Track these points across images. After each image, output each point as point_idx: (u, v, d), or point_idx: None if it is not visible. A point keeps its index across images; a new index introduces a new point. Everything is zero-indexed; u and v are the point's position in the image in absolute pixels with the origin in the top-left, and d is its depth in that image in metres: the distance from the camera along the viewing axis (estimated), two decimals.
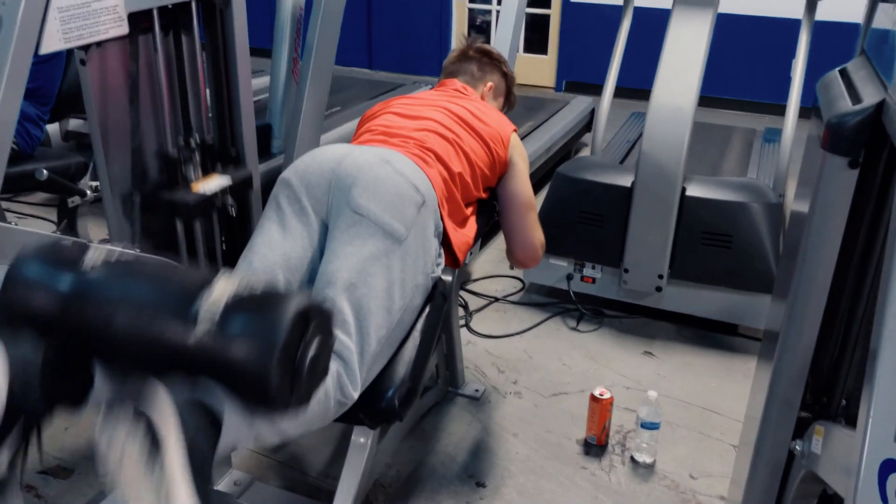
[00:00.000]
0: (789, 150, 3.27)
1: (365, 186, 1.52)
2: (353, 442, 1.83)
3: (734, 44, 5.84)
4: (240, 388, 1.00)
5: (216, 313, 0.95)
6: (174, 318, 0.98)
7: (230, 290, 0.98)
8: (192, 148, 1.88)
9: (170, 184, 1.85)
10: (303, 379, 1.01)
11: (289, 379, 0.99)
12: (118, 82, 1.68)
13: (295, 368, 0.99)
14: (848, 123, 1.15)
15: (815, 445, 1.19)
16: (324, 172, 1.57)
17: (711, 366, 2.64)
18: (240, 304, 0.97)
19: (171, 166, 1.84)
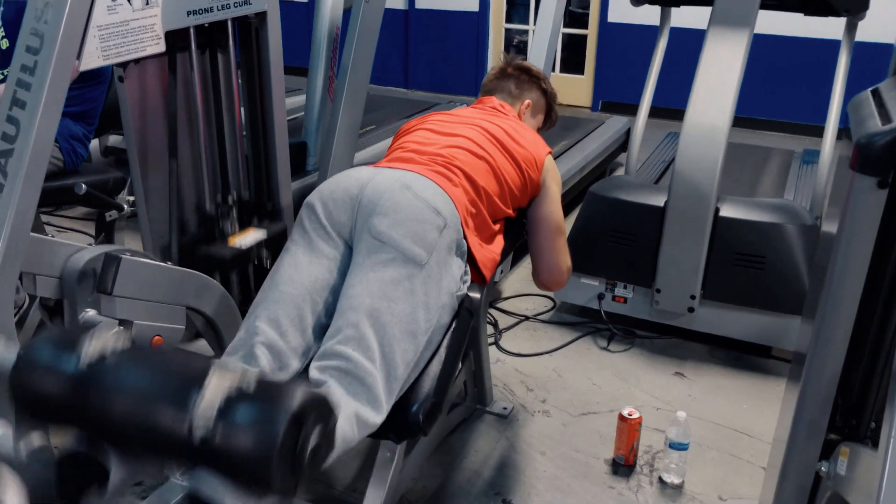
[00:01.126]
0: (827, 172, 3.22)
1: (385, 213, 1.53)
2: (380, 456, 1.83)
3: (774, 65, 5.78)
4: (241, 485, 0.99)
5: (210, 419, 0.95)
6: (170, 420, 0.96)
7: (223, 389, 0.97)
8: (230, 204, 1.95)
9: (207, 236, 1.91)
10: (304, 470, 1.00)
11: (289, 473, 0.98)
12: (155, 99, 1.73)
13: (295, 462, 0.98)
14: (877, 143, 1.14)
15: (840, 467, 1.17)
16: (347, 199, 1.60)
17: (743, 388, 2.60)
18: (233, 406, 0.95)
19: (210, 221, 1.90)
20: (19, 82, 1.34)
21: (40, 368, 1.02)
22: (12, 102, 1.34)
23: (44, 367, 1.02)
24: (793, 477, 1.33)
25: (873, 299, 1.21)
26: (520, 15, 7.12)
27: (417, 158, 1.75)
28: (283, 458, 0.95)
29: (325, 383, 1.38)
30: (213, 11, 1.73)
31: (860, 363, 1.26)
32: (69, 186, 2.24)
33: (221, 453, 0.94)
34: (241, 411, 0.95)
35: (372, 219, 1.54)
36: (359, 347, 1.41)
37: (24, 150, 1.33)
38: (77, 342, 1.04)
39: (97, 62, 1.43)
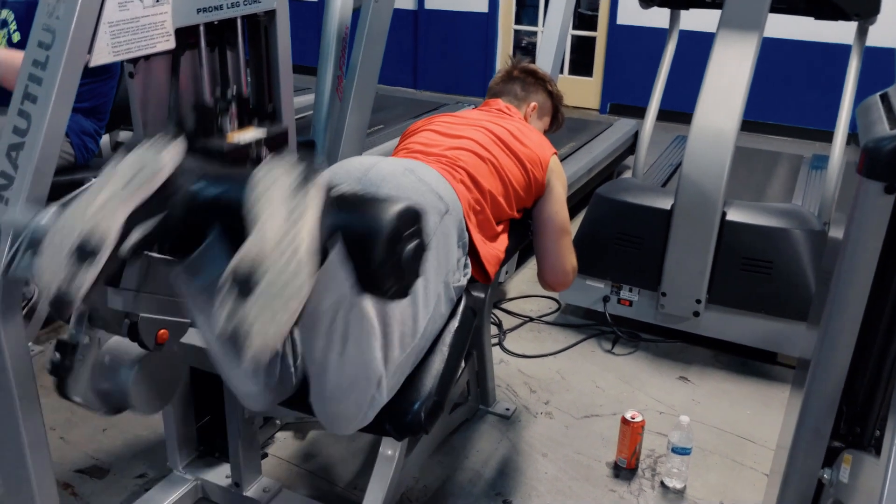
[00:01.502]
0: (836, 177, 3.21)
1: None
2: (381, 454, 1.84)
3: (784, 69, 5.77)
4: (354, 240, 1.11)
5: (346, 191, 1.13)
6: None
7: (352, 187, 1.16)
8: (228, 99, 1.91)
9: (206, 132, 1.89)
10: (402, 264, 1.12)
11: (390, 255, 1.10)
12: (164, 95, 1.74)
13: (397, 250, 1.11)
14: (885, 148, 1.14)
15: (842, 474, 1.17)
16: (350, 181, 1.60)
17: (748, 393, 2.59)
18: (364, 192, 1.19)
19: (209, 116, 1.88)
20: (31, 77, 1.34)
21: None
22: (24, 97, 1.35)
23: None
24: (795, 484, 1.33)
25: (879, 306, 1.21)
26: (529, 16, 7.13)
27: (422, 158, 1.76)
28: (394, 233, 1.10)
29: None
30: (223, 9, 1.74)
31: (865, 370, 1.26)
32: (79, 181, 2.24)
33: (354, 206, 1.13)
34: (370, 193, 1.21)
35: None
36: None
37: (35, 143, 1.33)
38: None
39: (108, 58, 1.43)
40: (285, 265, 1.00)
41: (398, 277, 1.15)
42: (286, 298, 1.00)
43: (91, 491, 2.04)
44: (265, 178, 1.08)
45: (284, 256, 1.01)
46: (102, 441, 2.23)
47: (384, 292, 1.16)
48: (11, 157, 1.34)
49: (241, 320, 0.99)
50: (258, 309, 0.99)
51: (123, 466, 2.13)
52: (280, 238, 1.02)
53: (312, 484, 2.10)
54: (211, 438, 2.04)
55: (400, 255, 1.13)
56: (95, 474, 2.10)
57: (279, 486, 2.00)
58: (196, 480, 2.01)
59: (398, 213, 1.12)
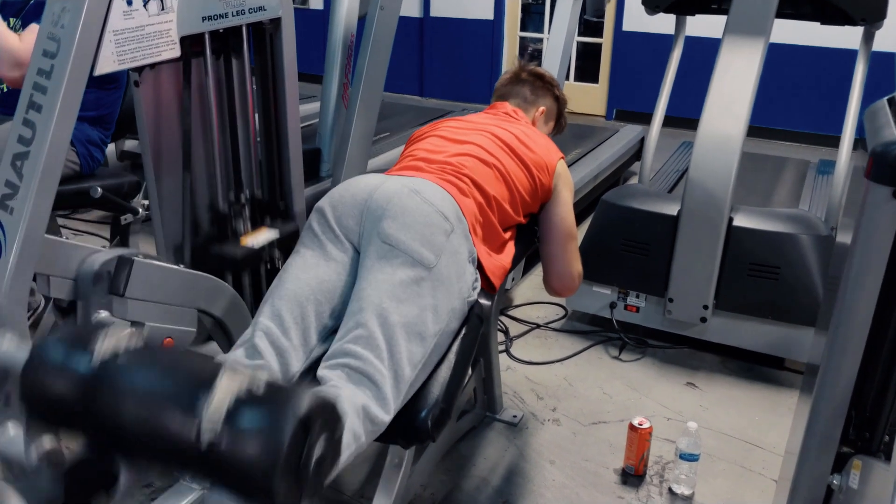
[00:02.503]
0: (842, 183, 3.20)
1: (394, 217, 1.54)
2: (388, 462, 1.83)
3: (790, 74, 5.76)
4: (246, 497, 1.00)
5: (218, 423, 0.93)
6: (179, 423, 0.95)
7: (232, 392, 0.98)
8: (243, 206, 1.96)
9: (220, 237, 1.93)
10: (309, 480, 0.98)
11: (294, 482, 0.95)
12: (169, 104, 1.75)
13: (300, 471, 0.96)
14: (893, 152, 1.13)
15: (852, 480, 1.16)
16: (356, 204, 1.60)
17: (756, 399, 2.58)
18: (240, 410, 0.94)
19: (224, 225, 1.92)
20: (35, 86, 1.35)
21: (52, 366, 1.01)
22: (28, 106, 1.35)
23: (55, 366, 1.01)
24: (804, 490, 1.32)
25: (888, 310, 1.20)
26: (534, 23, 7.13)
27: (426, 167, 1.76)
28: (289, 466, 0.94)
29: (333, 381, 1.38)
30: (228, 17, 1.75)
31: (874, 375, 1.25)
32: (85, 190, 2.26)
33: (227, 460, 0.93)
34: (249, 415, 0.94)
35: (381, 223, 1.54)
36: (367, 346, 1.42)
37: (40, 152, 1.34)
38: (90, 340, 1.04)
39: (113, 66, 1.44)
40: None
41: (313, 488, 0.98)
42: None
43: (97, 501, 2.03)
44: None
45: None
46: None
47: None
48: (16, 166, 1.34)
49: None
50: None
51: None
52: None
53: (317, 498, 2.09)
54: None
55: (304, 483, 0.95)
56: None
57: None
58: (203, 490, 2.00)
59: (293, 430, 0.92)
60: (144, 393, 1.00)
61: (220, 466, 0.94)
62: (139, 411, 0.99)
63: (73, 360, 1.01)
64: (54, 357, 1.02)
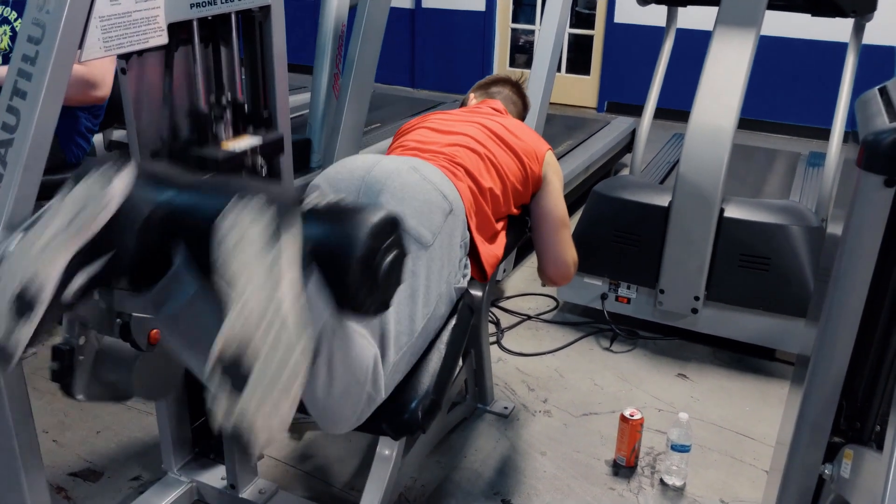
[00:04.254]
0: (833, 174, 3.20)
1: (393, 193, 1.53)
2: (378, 454, 1.82)
3: (781, 67, 5.76)
4: (328, 263, 1.05)
5: (319, 203, 1.06)
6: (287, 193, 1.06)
7: (328, 197, 1.08)
8: (223, 105, 1.90)
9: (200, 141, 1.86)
10: (380, 279, 1.06)
11: (367, 273, 1.05)
12: (157, 92, 1.72)
13: (374, 267, 1.06)
14: (884, 140, 1.13)
15: (844, 469, 1.15)
16: (353, 179, 1.59)
17: (746, 390, 2.58)
18: (336, 204, 1.08)
19: (204, 123, 1.86)
20: (20, 72, 1.33)
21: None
22: (13, 92, 1.33)
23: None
24: (796, 480, 1.32)
25: (879, 300, 1.20)
26: (526, 15, 7.11)
27: (421, 155, 1.75)
28: (371, 245, 1.04)
29: None
30: (217, 4, 1.72)
31: (865, 365, 1.25)
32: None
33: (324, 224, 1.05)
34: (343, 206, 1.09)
35: (379, 198, 1.53)
36: None
37: (24, 140, 1.32)
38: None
39: (99, 53, 1.42)
40: (276, 345, 0.91)
41: (378, 293, 1.08)
42: (285, 384, 0.91)
43: (85, 494, 2.02)
44: (232, 231, 0.98)
45: (272, 334, 0.92)
46: (96, 443, 2.21)
47: (365, 310, 1.09)
48: (0, 154, 1.32)
49: (241, 417, 0.89)
50: (257, 402, 0.89)
51: (117, 469, 2.11)
52: (263, 311, 0.92)
53: (309, 485, 2.08)
54: (206, 440, 2.02)
55: (377, 270, 1.07)
56: (89, 477, 2.08)
57: (275, 488, 1.98)
58: (191, 482, 1.99)
59: (371, 226, 1.05)
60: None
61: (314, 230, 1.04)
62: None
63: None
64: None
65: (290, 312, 0.94)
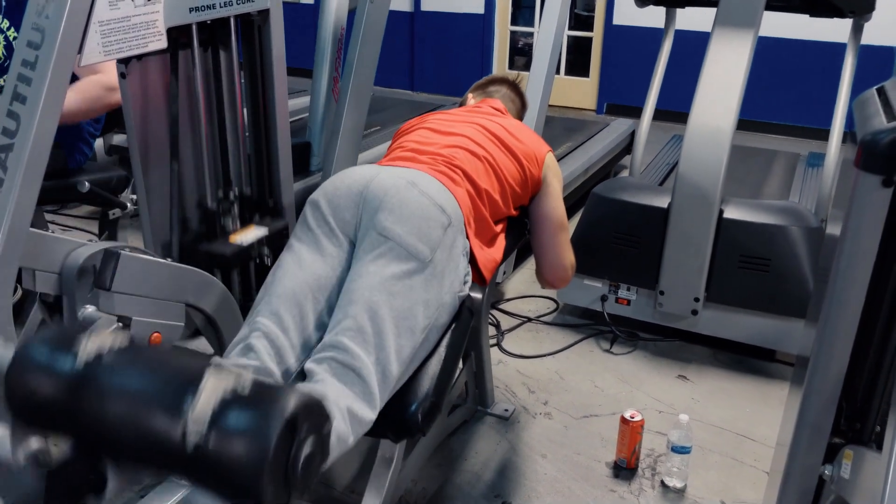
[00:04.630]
0: (832, 175, 3.21)
1: (391, 209, 1.52)
2: (379, 457, 1.83)
3: (780, 68, 5.77)
4: (234, 498, 0.97)
5: (203, 424, 0.93)
6: (164, 424, 0.95)
7: (218, 393, 0.95)
8: (231, 202, 1.94)
9: (209, 232, 1.91)
10: (297, 479, 0.98)
11: (282, 483, 0.96)
12: (157, 96, 1.73)
13: (288, 471, 0.97)
14: (882, 140, 1.13)
15: (844, 470, 1.15)
16: (351, 195, 1.58)
17: (747, 391, 2.58)
18: (226, 411, 0.94)
19: (212, 219, 1.91)
20: (20, 77, 1.33)
21: (36, 367, 1.00)
22: (13, 97, 1.33)
23: (40, 366, 0.99)
24: (796, 481, 1.32)
25: (878, 299, 1.20)
26: (525, 17, 7.12)
27: (419, 158, 1.75)
28: (276, 467, 0.93)
29: (319, 376, 1.37)
30: (216, 8, 1.73)
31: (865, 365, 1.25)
32: (72, 184, 2.23)
33: (213, 461, 0.92)
34: (235, 416, 0.94)
35: (377, 215, 1.53)
36: (355, 339, 1.40)
37: (24, 145, 1.32)
38: (75, 340, 1.02)
39: (98, 58, 1.43)
40: None
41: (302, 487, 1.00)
42: None
43: None
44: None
45: None
46: None
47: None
48: (0, 159, 1.32)
49: None
50: None
51: None
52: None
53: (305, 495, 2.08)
54: None
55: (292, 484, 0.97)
56: None
57: None
58: (191, 488, 1.99)
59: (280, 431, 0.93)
60: (129, 394, 0.98)
61: (206, 468, 0.93)
62: (124, 412, 0.97)
63: (57, 362, 1.00)
64: (38, 358, 1.00)
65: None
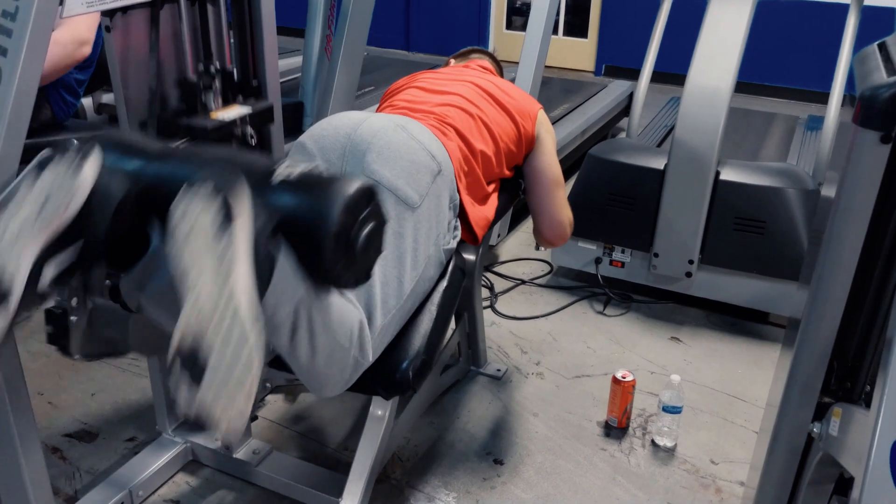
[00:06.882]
0: (831, 138, 3.17)
1: (379, 152, 1.50)
2: (371, 414, 1.83)
3: (780, 29, 5.70)
4: (301, 239, 1.05)
5: (291, 174, 1.05)
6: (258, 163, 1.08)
7: (300, 167, 1.07)
8: (212, 74, 1.87)
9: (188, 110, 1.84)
10: (357, 253, 1.06)
11: (344, 249, 1.05)
12: (143, 52, 1.69)
13: (350, 241, 1.05)
14: (882, 96, 1.11)
15: (832, 427, 1.16)
16: (339, 137, 1.55)
17: (739, 353, 2.59)
18: (309, 175, 1.07)
19: (193, 92, 1.84)
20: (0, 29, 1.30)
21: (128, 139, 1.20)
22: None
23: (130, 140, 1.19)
24: (785, 438, 1.32)
25: (872, 259, 1.19)
26: None
27: (410, 114, 1.72)
28: (343, 227, 1.03)
29: None
30: None
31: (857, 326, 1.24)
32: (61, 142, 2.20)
33: (295, 198, 1.04)
34: (317, 177, 1.08)
35: (365, 157, 1.50)
36: None
37: (7, 99, 1.29)
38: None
39: (81, 9, 1.39)
40: (227, 338, 0.92)
41: (355, 266, 1.07)
42: (238, 378, 0.92)
43: (80, 455, 2.03)
44: (182, 221, 0.97)
45: (224, 327, 0.93)
46: (91, 405, 2.22)
47: (344, 283, 1.09)
48: None
49: (199, 407, 0.91)
50: (213, 394, 0.91)
51: (112, 430, 2.12)
52: (214, 304, 0.93)
53: (302, 445, 2.09)
54: None
55: (354, 244, 1.06)
56: (84, 438, 2.09)
57: (269, 448, 1.99)
58: (185, 443, 2.00)
59: (345, 200, 1.03)
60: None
61: (286, 204, 1.04)
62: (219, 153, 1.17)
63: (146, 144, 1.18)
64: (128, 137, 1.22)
65: (242, 304, 0.94)
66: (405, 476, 1.99)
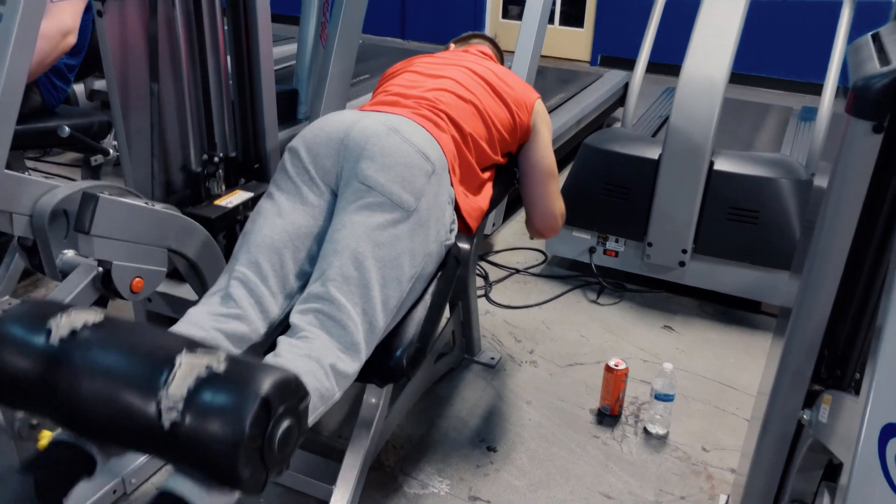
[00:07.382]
0: (825, 129, 3.18)
1: (373, 157, 1.49)
2: (365, 402, 1.84)
3: (775, 21, 5.70)
4: (210, 477, 0.97)
5: (179, 402, 0.93)
6: (140, 402, 0.95)
7: (193, 371, 0.95)
8: (216, 163, 1.92)
9: (192, 186, 1.91)
10: (274, 457, 0.97)
11: (260, 461, 0.95)
12: (136, 37, 1.68)
13: (264, 450, 0.95)
14: (874, 86, 1.11)
15: (822, 414, 1.16)
16: (332, 143, 1.54)
17: (731, 342, 2.60)
18: (202, 390, 0.93)
19: (195, 173, 1.89)
20: None
21: (10, 343, 0.98)
22: None
23: (14, 343, 0.98)
24: (775, 425, 1.33)
25: (863, 249, 1.20)
26: None
27: (402, 102, 1.71)
28: (252, 446, 0.92)
29: (305, 330, 1.35)
30: None
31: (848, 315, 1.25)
32: (52, 129, 2.20)
33: (189, 441, 0.92)
34: (210, 395, 0.93)
35: (359, 163, 1.50)
36: (340, 289, 1.39)
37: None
38: (49, 316, 1.00)
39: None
40: None
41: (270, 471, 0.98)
42: None
43: None
44: None
45: None
46: None
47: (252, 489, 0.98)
48: None
49: None
50: None
51: None
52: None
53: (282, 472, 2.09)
54: None
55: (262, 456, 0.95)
56: None
57: None
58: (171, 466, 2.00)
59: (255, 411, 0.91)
60: (104, 371, 0.96)
61: (182, 447, 0.92)
62: (100, 390, 0.96)
63: (31, 338, 0.98)
64: (12, 334, 0.98)
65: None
66: (399, 463, 2.00)
